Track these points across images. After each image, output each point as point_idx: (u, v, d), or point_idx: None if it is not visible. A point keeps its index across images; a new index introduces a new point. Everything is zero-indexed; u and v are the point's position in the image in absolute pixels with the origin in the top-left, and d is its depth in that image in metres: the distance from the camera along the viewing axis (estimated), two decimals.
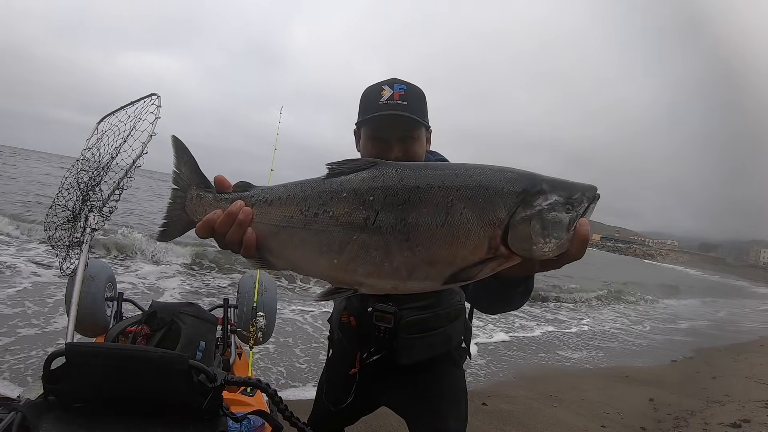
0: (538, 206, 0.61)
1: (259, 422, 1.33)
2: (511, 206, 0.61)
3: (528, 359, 5.50)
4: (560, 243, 0.63)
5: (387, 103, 1.17)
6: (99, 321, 2.24)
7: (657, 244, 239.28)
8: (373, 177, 0.63)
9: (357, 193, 0.62)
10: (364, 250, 0.62)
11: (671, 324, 9.98)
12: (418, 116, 1.19)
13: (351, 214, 0.62)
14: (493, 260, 0.62)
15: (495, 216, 0.61)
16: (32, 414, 0.89)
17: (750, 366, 6.35)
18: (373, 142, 1.21)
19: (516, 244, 0.61)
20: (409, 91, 1.19)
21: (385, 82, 1.20)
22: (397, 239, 0.61)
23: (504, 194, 0.62)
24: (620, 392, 4.55)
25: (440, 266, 0.62)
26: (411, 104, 1.17)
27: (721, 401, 4.58)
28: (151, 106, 1.87)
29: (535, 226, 0.61)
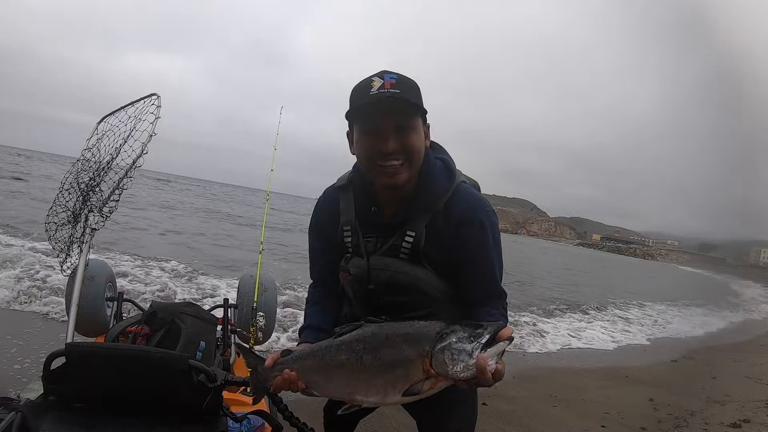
0: (448, 339, 0.89)
1: (259, 422, 1.33)
2: (433, 341, 0.90)
3: (527, 359, 5.49)
4: (467, 366, 0.87)
5: (378, 92, 1.08)
6: (99, 321, 2.24)
7: (657, 244, 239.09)
8: (357, 335, 0.98)
9: (350, 346, 0.97)
10: (359, 381, 0.95)
11: (672, 325, 9.97)
12: (412, 102, 1.10)
13: (349, 360, 0.96)
14: (429, 379, 0.90)
15: (423, 349, 0.90)
16: (32, 414, 0.89)
17: (750, 366, 6.35)
18: (368, 136, 1.13)
19: (437, 367, 0.89)
20: (401, 80, 1.11)
21: (375, 74, 1.12)
22: (374, 371, 0.94)
23: (428, 334, 0.91)
24: (620, 392, 4.54)
25: (399, 384, 0.92)
26: (404, 92, 1.09)
27: (721, 401, 4.57)
28: (151, 106, 1.87)
29: (447, 354, 0.88)
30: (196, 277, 6.56)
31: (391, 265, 1.19)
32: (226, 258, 8.16)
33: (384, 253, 1.21)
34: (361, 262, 1.23)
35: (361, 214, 1.25)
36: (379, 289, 1.21)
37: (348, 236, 1.26)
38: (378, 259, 1.21)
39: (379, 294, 1.22)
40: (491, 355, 0.87)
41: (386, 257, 1.20)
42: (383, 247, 1.21)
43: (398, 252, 1.19)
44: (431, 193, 1.18)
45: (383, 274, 1.20)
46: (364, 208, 1.25)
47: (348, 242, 1.26)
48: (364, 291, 1.24)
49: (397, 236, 1.19)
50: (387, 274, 1.19)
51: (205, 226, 13.72)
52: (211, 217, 14.85)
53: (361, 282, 1.23)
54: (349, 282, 1.27)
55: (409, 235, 1.17)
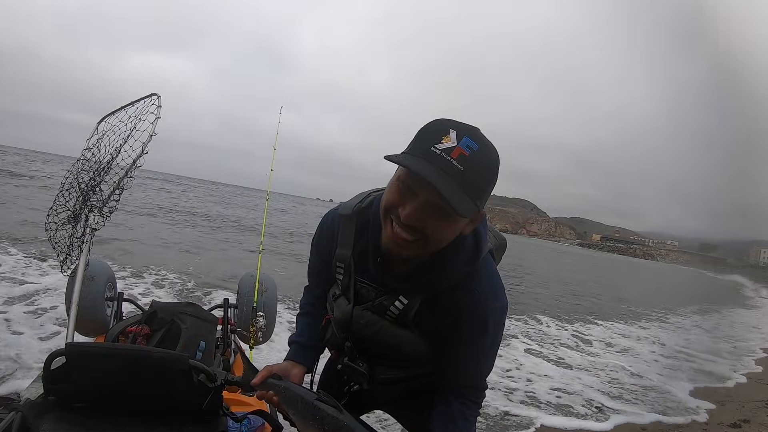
0: None
1: (259, 422, 1.33)
2: None
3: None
4: None
5: (439, 155, 0.85)
6: (99, 321, 2.24)
7: (657, 245, 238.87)
8: (332, 418, 0.96)
9: (321, 424, 0.97)
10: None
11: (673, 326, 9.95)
12: (462, 195, 0.85)
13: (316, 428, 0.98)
14: None
15: None
16: (32, 414, 0.89)
17: (750, 367, 6.35)
18: (399, 186, 0.92)
19: None
20: (477, 156, 0.86)
21: (457, 125, 0.88)
22: None
23: None
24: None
25: None
26: (467, 175, 0.85)
27: (721, 401, 4.58)
28: (152, 106, 1.87)
29: None
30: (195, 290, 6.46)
31: (373, 323, 1.09)
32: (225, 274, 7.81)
33: (369, 308, 1.10)
34: (346, 307, 1.14)
35: (361, 253, 1.10)
36: (356, 342, 1.16)
37: (340, 273, 1.14)
38: (362, 313, 1.11)
39: (357, 345, 1.17)
40: None
41: (371, 313, 1.09)
42: (370, 302, 1.10)
43: (384, 312, 1.07)
44: (445, 273, 1.01)
45: (364, 330, 1.11)
46: (367, 252, 1.08)
47: (339, 279, 1.15)
48: (345, 336, 1.19)
49: (388, 296, 1.07)
50: (369, 331, 1.10)
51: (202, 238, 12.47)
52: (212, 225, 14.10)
53: (342, 329, 1.18)
54: (333, 322, 1.23)
55: (401, 302, 1.05)
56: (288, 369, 1.17)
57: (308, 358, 1.24)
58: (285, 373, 1.15)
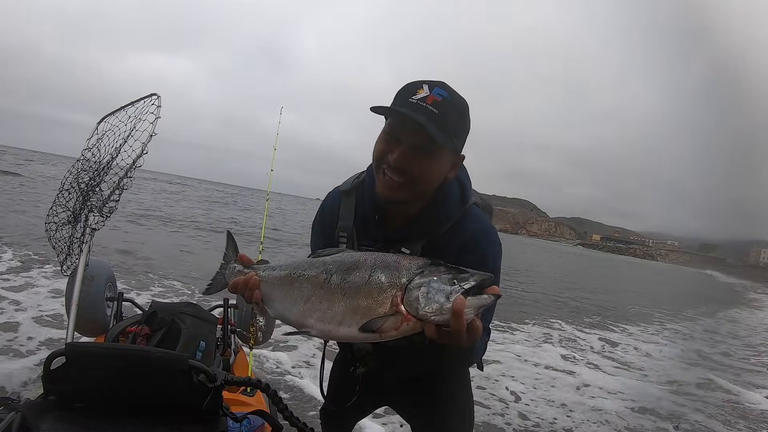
0: (428, 277, 0.82)
1: (259, 422, 1.33)
2: (411, 275, 0.83)
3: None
4: (440, 308, 0.79)
5: (415, 103, 0.99)
6: (99, 321, 2.25)
7: (657, 245, 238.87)
8: (336, 255, 0.94)
9: (324, 264, 0.92)
10: (319, 301, 0.89)
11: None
12: (441, 132, 0.98)
13: (317, 276, 0.91)
14: (394, 316, 0.82)
15: (399, 280, 0.83)
16: (32, 414, 0.89)
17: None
18: (386, 137, 1.05)
19: (408, 303, 0.81)
20: (448, 101, 1.00)
21: (428, 81, 1.02)
22: (338, 293, 0.87)
23: (408, 267, 0.84)
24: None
25: (359, 314, 0.84)
26: (441, 115, 0.98)
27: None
28: (152, 106, 1.87)
29: (422, 291, 0.80)
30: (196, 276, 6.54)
31: None
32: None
33: None
34: None
35: (361, 221, 1.20)
36: None
37: (343, 242, 1.22)
38: None
39: None
40: (472, 305, 0.79)
41: None
42: None
43: None
44: (438, 217, 1.11)
45: None
46: (367, 214, 1.18)
47: (342, 248, 1.23)
48: None
49: (391, 252, 1.12)
50: None
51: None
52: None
53: None
54: None
55: (403, 252, 1.10)
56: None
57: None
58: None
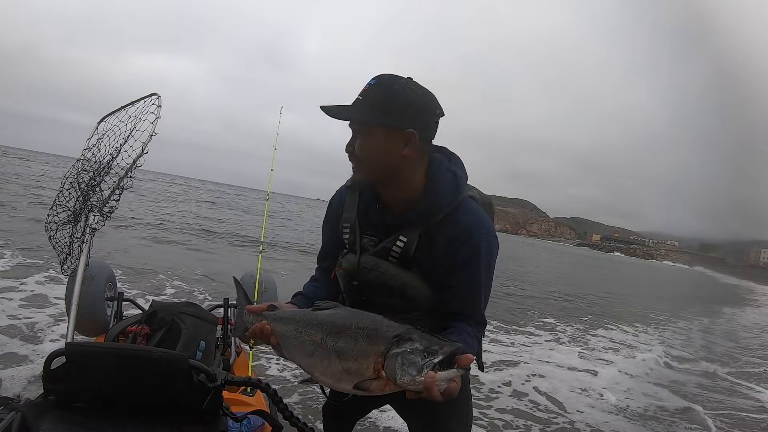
0: (402, 347, 0.88)
1: (259, 422, 1.33)
2: (388, 344, 0.89)
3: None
4: (414, 380, 0.86)
5: (359, 95, 1.13)
6: (99, 321, 2.25)
7: (657, 245, 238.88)
8: (328, 314, 1.02)
9: (320, 324, 1.01)
10: (320, 359, 0.98)
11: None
12: (363, 112, 1.12)
13: (315, 335, 1.00)
14: (378, 380, 0.90)
15: (378, 349, 0.90)
16: (32, 414, 0.89)
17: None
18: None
19: (387, 371, 0.88)
20: (375, 87, 1.12)
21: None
22: (333, 354, 0.95)
23: (386, 335, 0.91)
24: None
25: (352, 375, 0.93)
26: (365, 101, 1.12)
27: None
28: (152, 105, 1.87)
29: (398, 361, 0.87)
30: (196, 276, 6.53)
31: (379, 266, 1.20)
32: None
33: (375, 254, 1.22)
34: (353, 258, 1.25)
35: (363, 212, 1.27)
36: (364, 287, 1.24)
37: (346, 233, 1.29)
38: (368, 258, 1.22)
39: (364, 292, 1.24)
40: (441, 378, 0.85)
41: (376, 258, 1.21)
42: (376, 247, 1.23)
43: (388, 254, 1.20)
44: (432, 203, 1.17)
45: (371, 274, 1.21)
46: (368, 205, 1.26)
47: (346, 239, 1.29)
48: (352, 287, 1.27)
49: (390, 239, 1.20)
50: (374, 274, 1.21)
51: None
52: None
53: (350, 278, 1.26)
54: (340, 275, 1.30)
55: (401, 240, 1.18)
56: (285, 308, 1.24)
57: (307, 305, 1.28)
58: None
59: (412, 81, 1.13)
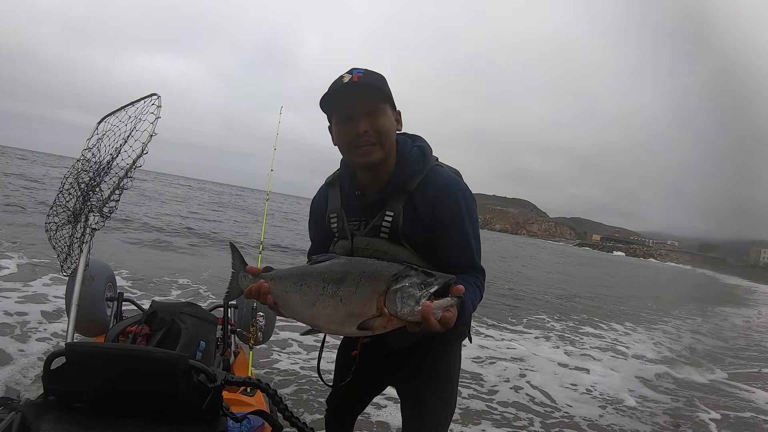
0: (401, 283, 0.96)
1: (259, 422, 1.33)
2: (389, 282, 0.97)
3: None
4: (413, 310, 0.94)
5: (345, 84, 1.20)
6: (99, 321, 2.25)
7: (657, 245, 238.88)
8: (327, 265, 1.08)
9: (320, 274, 1.07)
10: (323, 307, 1.04)
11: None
12: (377, 91, 1.22)
13: (317, 286, 1.06)
14: (381, 317, 0.97)
15: (379, 288, 0.98)
16: (32, 414, 0.89)
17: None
18: (343, 123, 1.24)
19: (389, 306, 0.96)
20: (368, 73, 1.23)
21: (345, 72, 1.24)
22: (336, 300, 1.02)
23: (386, 275, 0.99)
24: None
25: (355, 317, 1.00)
26: (370, 83, 1.21)
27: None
28: (152, 106, 1.87)
29: (398, 296, 0.95)
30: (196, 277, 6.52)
31: (372, 244, 1.27)
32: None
33: (366, 234, 1.30)
34: (345, 242, 1.31)
35: (346, 201, 1.36)
36: None
37: (334, 222, 1.36)
38: (361, 239, 1.30)
39: None
40: (437, 306, 0.93)
41: (368, 237, 1.29)
42: (366, 228, 1.30)
43: (378, 232, 1.27)
44: (406, 174, 1.27)
45: (365, 253, 1.27)
46: (349, 194, 1.35)
47: (334, 228, 1.36)
48: None
49: (377, 217, 1.28)
50: (369, 252, 1.26)
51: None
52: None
53: None
54: None
55: (388, 215, 1.26)
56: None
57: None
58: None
59: None
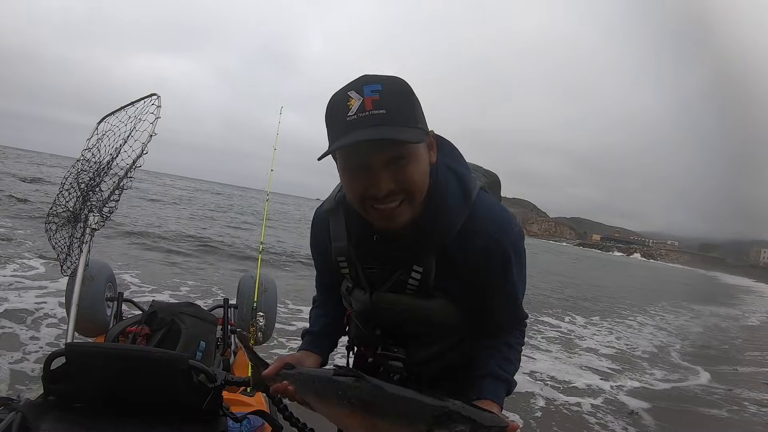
0: (447, 428, 0.82)
1: (259, 422, 1.33)
2: (428, 425, 0.83)
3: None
4: None
5: (357, 118, 0.83)
6: (99, 321, 2.25)
7: (657, 245, 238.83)
8: (356, 389, 0.92)
9: (349, 400, 0.92)
10: (354, 428, 0.93)
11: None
12: (402, 129, 0.84)
13: (343, 410, 0.93)
14: None
15: (419, 428, 0.83)
16: (32, 414, 0.89)
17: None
18: (353, 174, 0.89)
19: None
20: (385, 93, 0.84)
21: (352, 85, 0.86)
22: (369, 426, 0.89)
23: (424, 416, 0.83)
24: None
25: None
26: (391, 112, 0.83)
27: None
28: (151, 106, 1.87)
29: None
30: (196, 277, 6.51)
31: (397, 302, 1.04)
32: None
33: (388, 289, 1.05)
34: (363, 296, 1.09)
35: (357, 240, 1.05)
36: (387, 329, 1.12)
37: (344, 267, 1.09)
38: (383, 296, 1.06)
39: (388, 331, 1.12)
40: None
41: (391, 294, 1.05)
42: (386, 282, 1.04)
43: (404, 288, 1.02)
44: (442, 221, 0.96)
45: (389, 313, 1.06)
46: (362, 235, 1.03)
47: (346, 273, 1.10)
48: (373, 334, 1.15)
49: (402, 271, 1.01)
50: (394, 312, 1.06)
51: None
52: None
53: (367, 318, 1.14)
54: (356, 317, 1.20)
55: (416, 271, 0.99)
56: (301, 359, 1.11)
57: (322, 347, 1.18)
58: (299, 363, 1.07)
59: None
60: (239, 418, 1.05)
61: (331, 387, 0.94)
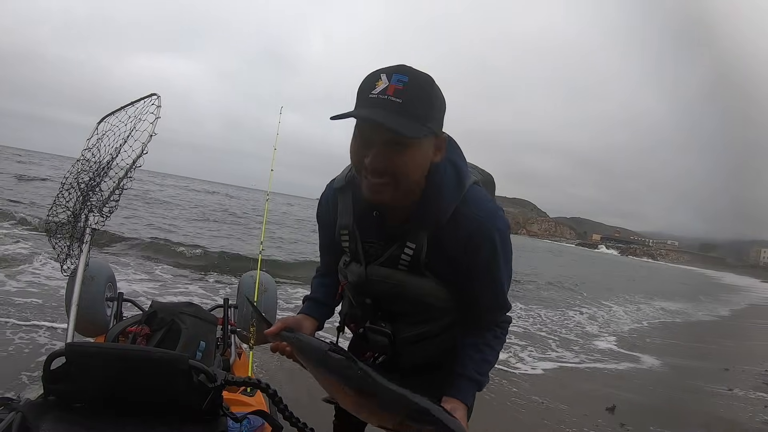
0: (418, 423, 0.91)
1: (259, 422, 1.33)
2: (404, 416, 0.92)
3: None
4: None
5: (377, 99, 0.92)
6: (99, 321, 2.25)
7: (657, 245, 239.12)
8: (345, 367, 1.01)
9: (338, 371, 1.02)
10: (342, 400, 1.02)
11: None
12: (409, 121, 0.91)
13: (334, 382, 1.02)
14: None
15: (395, 417, 0.93)
16: (32, 414, 0.89)
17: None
18: (358, 139, 0.99)
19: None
20: (411, 85, 0.92)
21: (387, 69, 0.94)
22: (356, 404, 0.98)
23: (403, 406, 0.92)
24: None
25: (374, 421, 0.97)
26: (406, 103, 0.91)
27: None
28: (152, 106, 1.88)
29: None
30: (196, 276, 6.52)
31: (390, 277, 1.11)
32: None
33: (382, 264, 1.12)
34: (358, 269, 1.16)
35: (359, 216, 1.15)
36: (377, 300, 1.18)
37: (345, 241, 1.18)
38: (376, 269, 1.13)
39: (378, 303, 1.18)
40: None
41: (385, 268, 1.12)
42: (381, 257, 1.12)
43: (397, 263, 1.10)
44: (437, 206, 1.05)
45: (382, 286, 1.13)
46: (365, 210, 1.12)
47: (345, 245, 1.19)
48: (365, 304, 1.20)
49: (396, 246, 1.09)
50: (386, 286, 1.13)
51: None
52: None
53: (360, 292, 1.20)
54: (348, 289, 1.25)
55: (409, 247, 1.07)
56: (300, 321, 1.22)
57: (320, 313, 1.29)
58: (297, 326, 1.18)
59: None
60: (239, 418, 1.05)
61: (325, 359, 1.04)
